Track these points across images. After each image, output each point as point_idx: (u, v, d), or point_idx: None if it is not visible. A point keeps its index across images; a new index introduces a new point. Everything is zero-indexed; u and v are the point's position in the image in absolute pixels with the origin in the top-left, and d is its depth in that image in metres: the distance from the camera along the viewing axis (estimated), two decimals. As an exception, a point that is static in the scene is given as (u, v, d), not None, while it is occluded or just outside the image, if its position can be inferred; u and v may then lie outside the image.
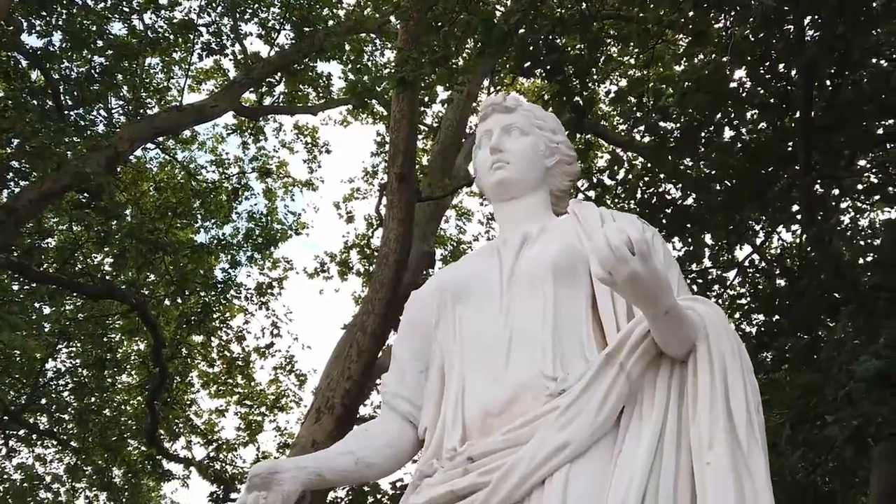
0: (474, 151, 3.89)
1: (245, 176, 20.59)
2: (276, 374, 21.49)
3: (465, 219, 21.25)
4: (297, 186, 21.65)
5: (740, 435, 2.70)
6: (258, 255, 20.39)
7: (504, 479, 2.80)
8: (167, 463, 20.90)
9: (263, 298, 20.74)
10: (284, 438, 21.28)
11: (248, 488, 2.91)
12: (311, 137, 21.44)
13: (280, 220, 20.98)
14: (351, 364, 11.77)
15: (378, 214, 19.44)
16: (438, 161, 15.51)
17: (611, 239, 2.62)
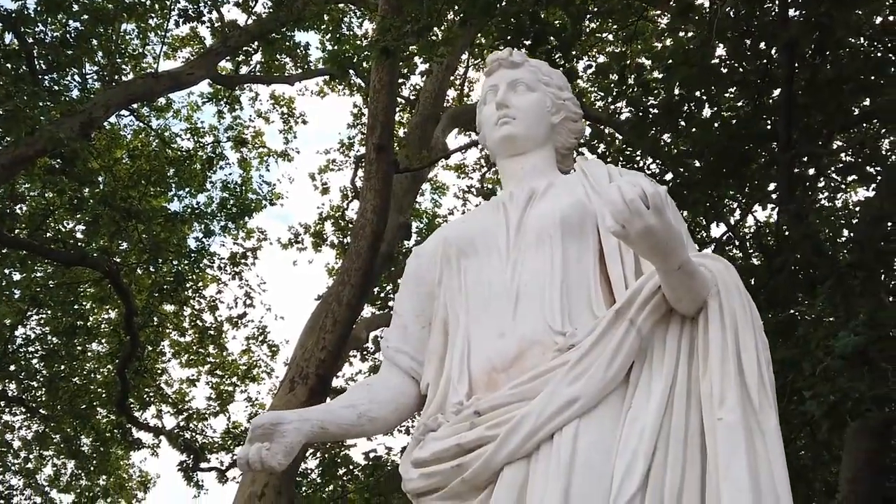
0: (479, 107, 3.88)
1: (220, 145, 20.45)
2: (249, 344, 21.43)
3: (440, 192, 21.24)
4: (272, 157, 21.53)
5: (752, 391, 2.71)
6: (232, 225, 20.27)
7: (512, 432, 2.81)
8: (137, 432, 20.80)
9: (237, 268, 20.65)
10: (255, 409, 21.22)
11: (250, 440, 2.90)
12: (288, 108, 21.33)
13: (255, 190, 20.86)
14: (326, 334, 11.73)
15: (353, 186, 19.37)
16: (416, 133, 15.47)
17: (625, 192, 2.61)
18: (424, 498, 3.03)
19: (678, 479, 2.68)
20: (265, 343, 21.35)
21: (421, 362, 3.38)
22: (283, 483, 10.95)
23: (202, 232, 19.70)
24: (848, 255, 9.64)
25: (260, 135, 21.59)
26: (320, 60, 19.34)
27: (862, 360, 7.31)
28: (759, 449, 2.65)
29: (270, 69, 19.99)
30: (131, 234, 18.31)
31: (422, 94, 16.36)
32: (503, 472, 2.83)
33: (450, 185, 24.43)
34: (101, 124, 16.59)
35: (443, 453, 2.96)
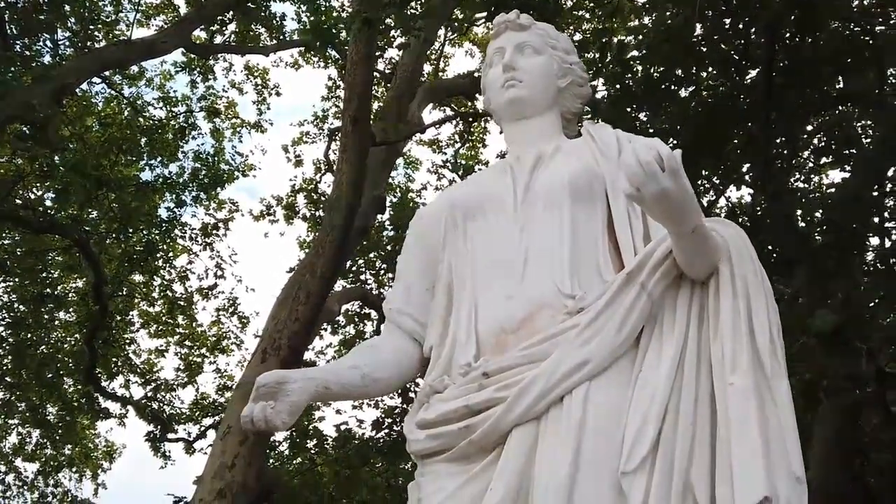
0: (484, 69, 3.86)
1: (192, 115, 20.26)
2: (219, 315, 21.34)
3: (413, 167, 21.17)
4: (245, 128, 21.36)
5: (763, 357, 2.71)
6: (204, 196, 20.11)
7: (522, 394, 2.81)
8: (104, 401, 20.71)
9: (208, 239, 20.52)
10: (224, 380, 21.19)
11: (254, 398, 2.89)
12: (262, 79, 21.16)
13: (227, 161, 20.69)
14: (299, 306, 11.70)
15: (327, 159, 19.31)
16: (393, 107, 15.39)
17: (640, 155, 2.60)
18: (430, 459, 3.02)
19: (688, 443, 2.69)
20: (235, 315, 21.28)
21: (424, 324, 3.38)
22: (252, 454, 10.94)
23: (173, 202, 19.51)
24: (823, 236, 9.72)
25: (233, 105, 21.42)
26: (296, 32, 19.18)
27: (838, 340, 7.38)
28: (770, 414, 2.66)
29: (245, 39, 19.84)
30: (102, 203, 18.15)
31: (399, 67, 16.28)
32: (512, 434, 2.82)
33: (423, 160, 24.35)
34: (72, 91, 16.40)
35: (450, 414, 2.96)
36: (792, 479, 2.59)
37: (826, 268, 8.48)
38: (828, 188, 13.08)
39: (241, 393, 11.33)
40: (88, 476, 23.48)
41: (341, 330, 18.98)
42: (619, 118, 10.67)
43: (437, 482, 2.94)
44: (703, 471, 2.67)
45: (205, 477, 10.76)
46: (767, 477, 2.53)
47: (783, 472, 2.58)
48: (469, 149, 20.29)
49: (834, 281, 8.36)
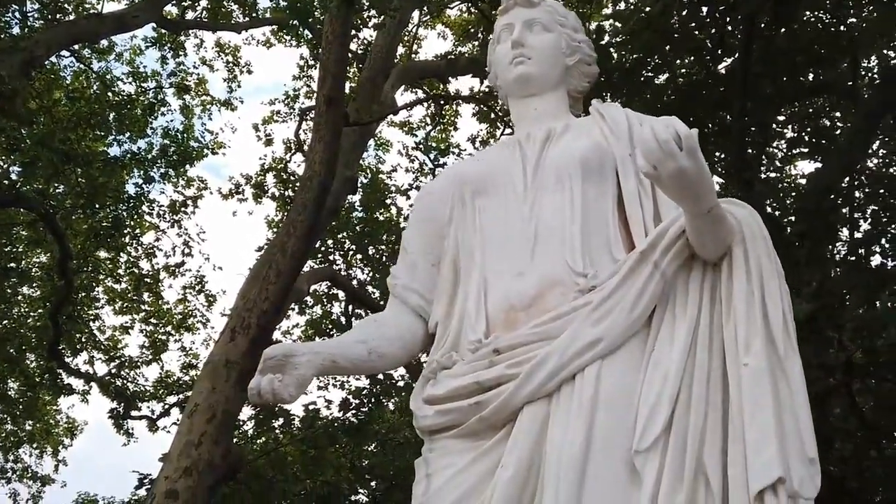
0: (491, 46, 3.85)
1: (162, 91, 20.09)
2: (185, 293, 21.20)
3: (384, 149, 21.10)
4: (215, 105, 21.20)
5: (777, 338, 2.72)
6: (172, 173, 19.96)
7: (534, 371, 2.81)
8: (67, 377, 20.55)
9: (176, 216, 20.35)
10: (189, 359, 21.09)
11: (261, 371, 2.87)
12: (233, 56, 20.99)
13: (196, 139, 20.54)
14: (269, 285, 11.62)
15: (297, 139, 19.20)
16: (367, 87, 15.31)
17: (658, 133, 2.59)
18: (438, 435, 3.03)
19: (701, 422, 2.71)
20: (202, 293, 21.15)
21: (430, 301, 3.37)
22: (220, 433, 10.90)
23: (142, 178, 19.37)
24: (795, 225, 9.79)
25: (203, 82, 21.24)
26: (268, 10, 19.05)
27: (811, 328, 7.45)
28: (783, 395, 2.68)
29: (217, 16, 19.66)
30: (69, 178, 17.97)
31: (373, 48, 16.19)
32: (523, 411, 2.83)
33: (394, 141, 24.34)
34: (42, 63, 16.20)
35: (460, 390, 2.96)
36: (805, 461, 2.61)
37: (798, 257, 8.54)
38: (800, 178, 13.21)
39: (208, 370, 11.29)
40: (49, 452, 23.39)
41: (309, 310, 18.92)
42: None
43: (446, 458, 2.94)
44: (714, 451, 2.69)
45: (171, 454, 10.70)
46: (781, 458, 2.56)
47: (796, 454, 2.60)
48: (440, 131, 20.25)
49: (807, 270, 8.44)
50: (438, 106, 19.27)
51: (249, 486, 15.46)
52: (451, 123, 20.22)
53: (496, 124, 17.18)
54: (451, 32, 19.67)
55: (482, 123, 18.14)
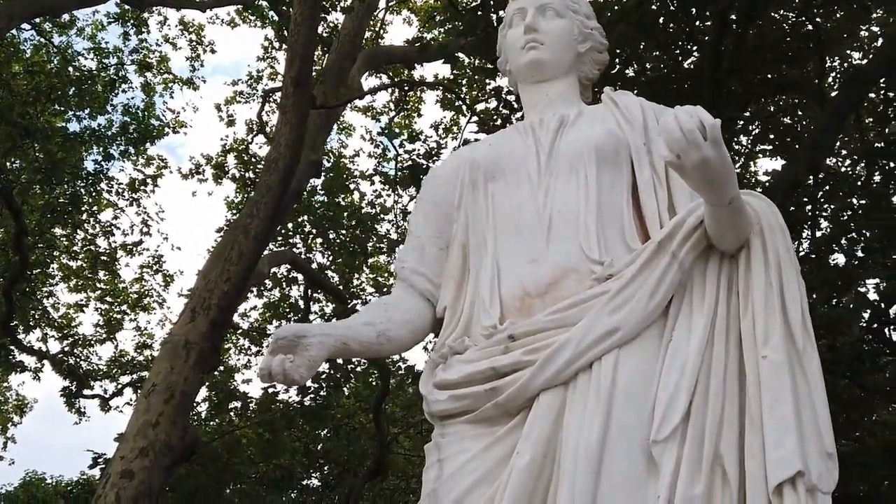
0: (501, 30, 3.83)
1: (124, 68, 19.89)
2: (142, 272, 21.04)
3: (347, 133, 21.05)
4: (177, 84, 21.02)
5: (795, 331, 2.73)
6: (132, 150, 19.77)
7: (551, 359, 2.81)
8: (19, 354, 20.32)
9: (135, 195, 20.17)
10: (144, 338, 20.95)
11: (272, 351, 2.83)
12: (197, 35, 20.81)
13: (157, 117, 20.38)
14: (231, 266, 11.53)
15: (260, 120, 19.10)
16: (333, 70, 15.23)
17: (683, 122, 2.57)
18: (451, 420, 3.01)
19: (718, 414, 2.71)
20: (159, 273, 21.02)
21: (438, 285, 3.35)
22: (177, 413, 10.82)
23: (101, 155, 19.19)
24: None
25: (165, 60, 21.06)
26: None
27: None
28: (801, 388, 2.68)
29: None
30: (27, 153, 17.77)
31: (341, 31, 16.11)
32: (539, 399, 2.82)
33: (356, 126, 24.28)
34: (2, 36, 15.95)
35: (475, 376, 2.94)
36: (823, 455, 2.62)
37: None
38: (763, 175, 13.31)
39: (167, 350, 11.18)
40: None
41: (267, 293, 18.85)
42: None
43: (459, 444, 2.93)
44: (731, 443, 2.70)
45: (127, 434, 10.59)
46: (800, 451, 2.57)
47: (815, 448, 2.61)
48: (404, 117, 20.21)
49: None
50: (403, 92, 19.22)
51: (205, 467, 15.41)
52: (416, 110, 20.19)
53: (462, 112, 17.16)
54: (416, 18, 19.63)
55: (446, 111, 18.15)
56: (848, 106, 10.52)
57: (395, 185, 18.52)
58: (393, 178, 18.56)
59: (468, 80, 16.99)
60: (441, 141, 17.20)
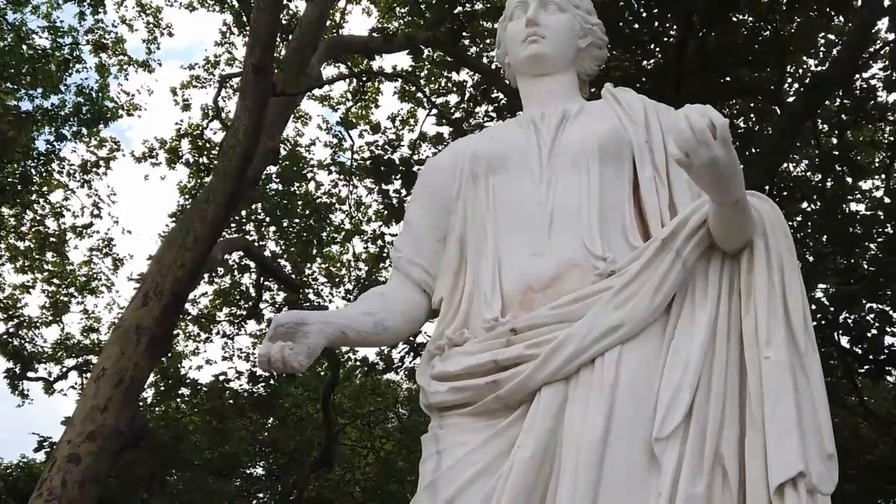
0: (501, 23, 3.81)
1: (78, 47, 19.59)
2: (91, 255, 20.78)
3: (303, 122, 20.94)
4: (132, 66, 20.75)
5: (797, 333, 2.75)
6: (85, 131, 19.51)
7: (554, 353, 2.81)
8: (-38, 334, 20.01)
9: (87, 176, 19.91)
10: (91, 322, 20.71)
11: (271, 338, 2.82)
12: (154, 17, 20.55)
13: (112, 99, 20.11)
14: (185, 252, 11.43)
15: (216, 106, 18.93)
16: (294, 58, 15.12)
17: (693, 121, 2.58)
18: (450, 412, 3.01)
19: (719, 413, 2.73)
20: (109, 256, 20.76)
21: (434, 276, 3.34)
22: (126, 398, 10.72)
23: (53, 135, 18.91)
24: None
25: (121, 42, 20.76)
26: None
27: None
28: (802, 390, 2.70)
29: (140, -26, 19.25)
30: (-24, 130, 17.45)
31: (302, 18, 15.97)
32: (541, 393, 2.82)
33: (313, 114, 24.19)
34: (-44, 10, 15.70)
35: (476, 368, 2.94)
36: (824, 457, 2.65)
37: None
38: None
39: (118, 334, 11.06)
40: (-63, 411, 22.84)
41: (218, 279, 18.74)
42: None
43: (459, 436, 2.93)
44: (732, 442, 2.72)
45: (75, 418, 10.48)
46: (802, 452, 2.59)
47: (815, 449, 2.64)
48: (361, 108, 20.14)
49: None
50: (362, 82, 19.16)
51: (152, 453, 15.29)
52: (373, 101, 20.13)
53: (422, 104, 17.16)
54: (374, 8, 19.56)
55: (404, 102, 18.14)
56: (805, 112, 10.66)
57: (351, 175, 18.46)
58: (349, 169, 18.50)
59: (428, 72, 16.99)
60: (399, 133, 17.23)
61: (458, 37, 10.09)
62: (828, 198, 11.31)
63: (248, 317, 19.23)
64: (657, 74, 10.70)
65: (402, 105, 18.14)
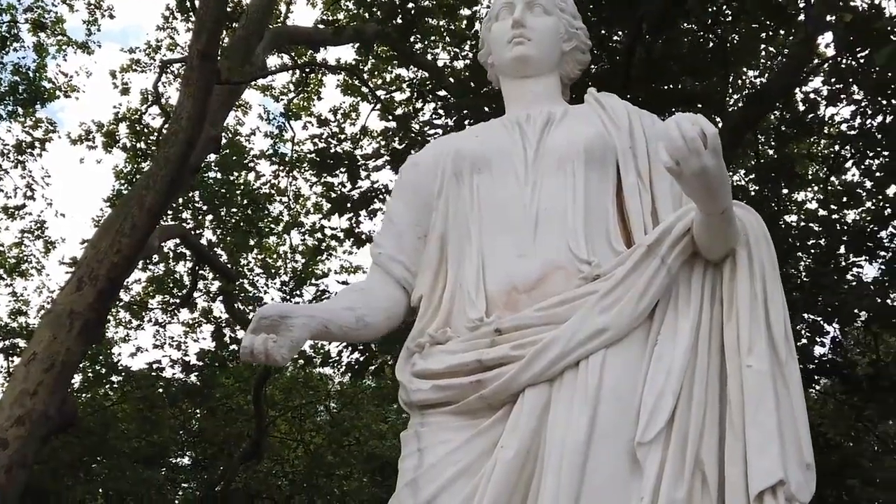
0: (486, 23, 3.81)
1: (16, 26, 19.23)
2: (23, 237, 20.42)
3: (243, 111, 20.77)
4: (71, 46, 20.41)
5: (778, 343, 2.78)
6: (20, 111, 19.16)
7: (539, 355, 2.83)
8: None
9: (21, 157, 19.55)
10: (20, 304, 20.37)
11: (255, 330, 2.80)
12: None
13: (49, 79, 19.77)
14: (122, 238, 11.28)
15: (156, 91, 18.69)
16: (240, 47, 15.00)
17: (684, 130, 2.59)
18: (431, 410, 3.01)
19: (700, 419, 2.76)
20: (40, 238, 20.43)
21: (414, 273, 3.35)
22: (57, 383, 10.57)
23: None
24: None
25: (61, 21, 20.41)
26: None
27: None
28: (783, 399, 2.74)
29: (83, -46, 18.96)
30: None
31: (249, 7, 15.84)
32: (525, 394, 2.84)
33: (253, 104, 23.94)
34: None
35: (460, 367, 2.95)
36: (802, 466, 2.69)
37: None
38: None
39: (50, 319, 10.90)
40: None
41: (152, 266, 18.53)
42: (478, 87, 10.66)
43: (441, 434, 2.93)
44: (712, 449, 2.75)
45: (3, 402, 10.32)
46: (782, 461, 2.63)
47: (794, 458, 2.68)
48: (303, 99, 20.03)
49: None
50: (305, 74, 19.06)
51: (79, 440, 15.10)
52: (316, 92, 20.04)
53: (367, 98, 17.13)
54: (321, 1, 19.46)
55: (346, 95, 18.10)
56: (745, 123, 10.80)
57: (291, 166, 18.37)
58: (290, 160, 18.41)
59: (372, 67, 16.96)
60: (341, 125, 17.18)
61: (409, 32, 10.09)
62: (765, 209, 11.47)
63: (181, 305, 19.07)
64: (604, 79, 10.76)
65: (344, 98, 18.09)
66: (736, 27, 11.63)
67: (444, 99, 11.55)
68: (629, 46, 9.75)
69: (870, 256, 11.11)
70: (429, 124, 11.64)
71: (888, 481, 11.71)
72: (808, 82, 12.47)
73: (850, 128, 11.85)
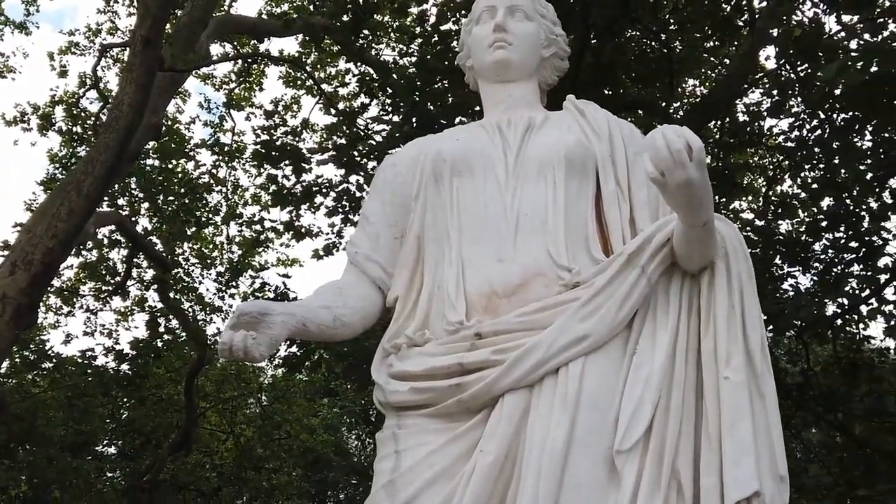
0: (466, 26, 3.81)
1: (-48, 4, 18.86)
2: (-48, 219, 20.04)
3: (182, 99, 20.56)
4: (8, 27, 20.04)
5: (754, 356, 2.81)
6: (-46, 90, 18.80)
7: (520, 360, 2.83)
8: None
9: (-48, 137, 19.19)
10: (-52, 287, 19.89)
11: (233, 326, 2.79)
12: (35, -22, 19.89)
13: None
14: (59, 223, 11.12)
15: (94, 75, 18.43)
16: (184, 34, 14.84)
17: (670, 141, 2.61)
18: (409, 412, 3.00)
19: (677, 429, 2.78)
20: (-29, 221, 20.06)
21: (391, 274, 3.35)
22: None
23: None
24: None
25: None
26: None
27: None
28: (758, 411, 2.77)
29: (22, -67, 18.63)
30: None
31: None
32: (504, 399, 2.84)
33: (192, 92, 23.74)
34: None
35: (439, 370, 2.95)
36: (776, 478, 2.72)
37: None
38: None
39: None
40: None
41: (85, 252, 18.28)
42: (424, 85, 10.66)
43: (418, 436, 2.93)
44: (687, 459, 2.78)
45: (-69, 387, 10.15)
46: (757, 473, 2.66)
47: (768, 470, 2.70)
48: (244, 90, 19.87)
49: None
50: (247, 64, 18.92)
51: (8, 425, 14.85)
52: (258, 84, 19.89)
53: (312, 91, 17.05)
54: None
55: (289, 88, 18.01)
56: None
57: (232, 157, 18.23)
58: (231, 150, 18.26)
59: (315, 59, 16.88)
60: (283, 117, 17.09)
61: (359, 27, 10.07)
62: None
63: (114, 293, 18.83)
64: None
65: (286, 90, 17.99)
66: (680, 37, 11.76)
67: (391, 97, 11.53)
68: (578, 52, 9.80)
69: (803, 267, 11.29)
70: (376, 120, 11.63)
71: (812, 488, 11.96)
72: (749, 94, 12.66)
73: (787, 139, 12.02)
